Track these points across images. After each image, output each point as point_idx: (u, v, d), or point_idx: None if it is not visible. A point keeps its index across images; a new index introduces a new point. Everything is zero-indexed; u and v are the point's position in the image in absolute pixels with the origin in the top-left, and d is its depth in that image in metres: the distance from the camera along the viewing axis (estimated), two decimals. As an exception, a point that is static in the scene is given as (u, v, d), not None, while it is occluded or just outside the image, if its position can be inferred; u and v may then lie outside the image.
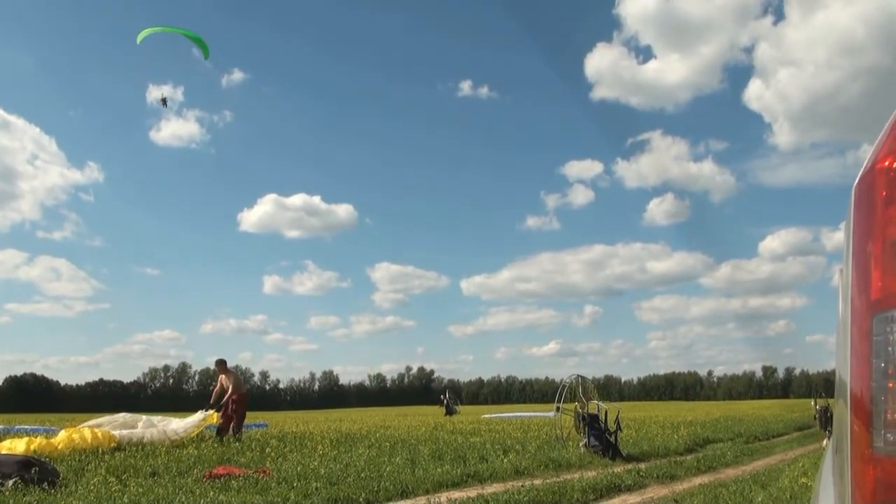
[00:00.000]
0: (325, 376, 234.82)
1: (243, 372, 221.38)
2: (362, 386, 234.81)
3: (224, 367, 22.83)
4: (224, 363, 22.91)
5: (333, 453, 18.25)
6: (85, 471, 14.53)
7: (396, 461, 16.25)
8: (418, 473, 14.45)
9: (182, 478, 13.88)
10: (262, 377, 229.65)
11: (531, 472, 15.81)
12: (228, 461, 16.35)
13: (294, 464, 15.85)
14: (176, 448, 18.53)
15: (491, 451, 18.67)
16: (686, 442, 23.25)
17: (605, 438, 19.58)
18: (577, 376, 22.52)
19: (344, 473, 14.16)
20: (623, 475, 15.21)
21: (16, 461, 13.35)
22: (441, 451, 18.38)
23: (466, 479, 14.40)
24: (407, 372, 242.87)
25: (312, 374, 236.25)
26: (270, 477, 13.76)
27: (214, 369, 23.32)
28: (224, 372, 22.62)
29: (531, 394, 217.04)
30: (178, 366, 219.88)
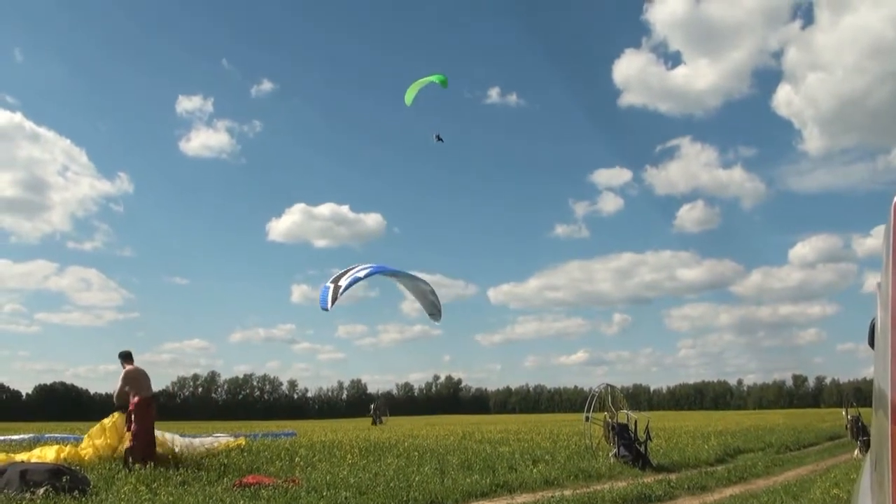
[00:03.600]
0: (353, 385, 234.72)
1: (271, 381, 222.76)
2: (390, 395, 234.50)
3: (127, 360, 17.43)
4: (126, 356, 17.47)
5: (362, 462, 18.25)
6: (115, 479, 14.61)
7: (425, 471, 16.22)
8: (447, 483, 14.42)
9: (212, 486, 13.94)
10: (291, 386, 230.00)
11: (561, 483, 15.75)
12: (258, 470, 16.41)
13: (323, 473, 15.86)
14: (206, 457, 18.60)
15: (520, 461, 18.62)
16: (716, 452, 23.08)
17: (634, 448, 19.49)
18: (606, 385, 22.41)
19: (373, 483, 14.16)
20: (653, 486, 15.14)
21: (46, 469, 13.46)
22: (470, 461, 18.34)
23: (496, 489, 14.38)
24: (434, 381, 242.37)
25: (340, 383, 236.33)
26: (300, 486, 13.79)
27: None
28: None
29: (560, 403, 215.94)
30: (208, 375, 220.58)
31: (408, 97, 27.39)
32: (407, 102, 27.53)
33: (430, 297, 22.21)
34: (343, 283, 18.94)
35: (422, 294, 22.19)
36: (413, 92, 27.33)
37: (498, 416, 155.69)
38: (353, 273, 19.40)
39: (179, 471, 15.99)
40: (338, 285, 18.85)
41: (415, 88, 27.33)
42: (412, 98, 27.33)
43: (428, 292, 22.19)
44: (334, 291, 18.65)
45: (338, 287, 18.77)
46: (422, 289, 22.16)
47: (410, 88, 27.30)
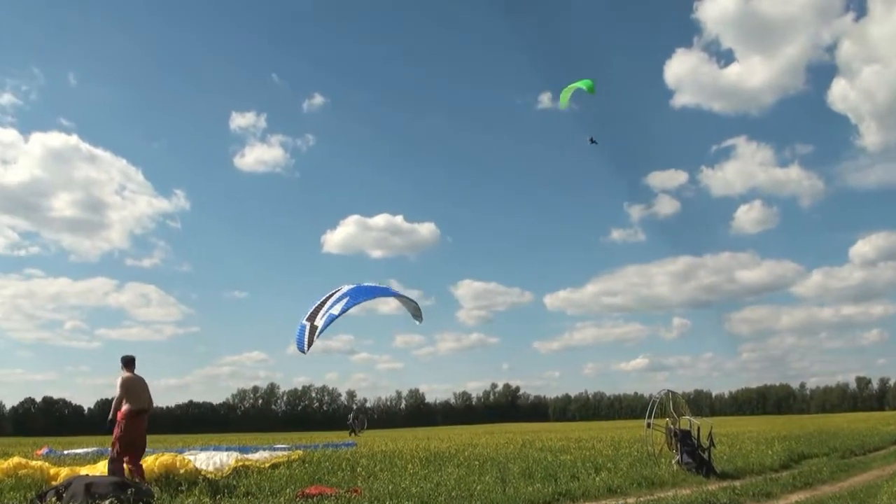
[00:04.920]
0: (412, 394, 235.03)
1: (330, 392, 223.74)
2: (448, 404, 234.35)
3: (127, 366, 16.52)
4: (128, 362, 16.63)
5: (423, 472, 18.23)
6: (179, 491, 14.75)
7: (486, 480, 16.17)
8: (509, 492, 14.37)
9: (275, 497, 14.03)
10: (349, 396, 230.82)
11: (624, 491, 15.62)
12: (319, 481, 16.45)
13: (385, 483, 15.88)
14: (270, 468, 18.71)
15: (582, 470, 18.47)
16: (780, 458, 22.71)
17: (698, 455, 19.25)
18: (667, 391, 22.18)
19: (435, 492, 14.14)
20: (718, 493, 14.95)
21: (111, 483, 13.63)
22: (531, 470, 18.24)
23: (558, 498, 14.30)
24: (492, 389, 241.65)
25: (399, 393, 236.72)
26: (362, 496, 13.83)
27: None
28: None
29: (620, 410, 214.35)
30: (267, 387, 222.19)
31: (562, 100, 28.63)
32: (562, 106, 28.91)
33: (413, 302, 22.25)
34: (319, 324, 18.79)
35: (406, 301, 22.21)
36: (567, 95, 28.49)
37: (557, 423, 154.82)
38: (328, 310, 19.11)
39: (242, 481, 16.15)
40: (314, 325, 18.69)
41: (568, 92, 28.39)
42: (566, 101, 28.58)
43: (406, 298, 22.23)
44: (310, 333, 18.49)
45: (314, 327, 18.61)
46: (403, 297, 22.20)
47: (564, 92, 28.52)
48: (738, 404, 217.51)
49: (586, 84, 27.67)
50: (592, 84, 27.76)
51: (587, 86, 27.62)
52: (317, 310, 18.88)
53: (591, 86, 27.68)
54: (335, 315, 18.76)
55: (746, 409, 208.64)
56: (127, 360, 16.52)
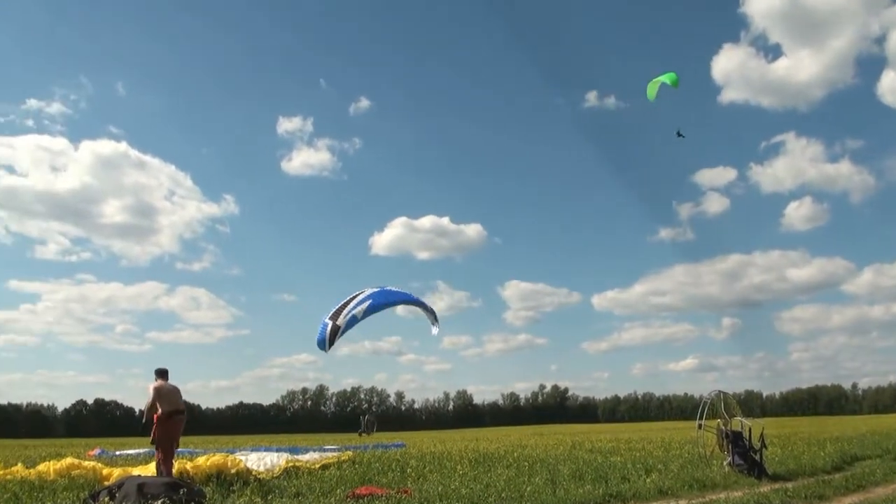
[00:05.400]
0: (459, 396, 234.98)
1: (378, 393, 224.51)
2: (496, 405, 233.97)
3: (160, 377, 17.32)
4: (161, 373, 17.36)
5: (473, 473, 18.24)
6: (230, 492, 14.88)
7: (536, 482, 16.13)
8: (559, 494, 14.33)
9: (326, 498, 14.11)
10: (398, 397, 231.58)
11: (675, 493, 15.51)
12: (370, 482, 16.52)
13: (435, 484, 15.89)
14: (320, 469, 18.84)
15: (632, 471, 18.37)
16: (833, 459, 22.40)
17: (749, 456, 19.06)
18: (718, 392, 21.98)
19: (485, 494, 14.15)
20: (770, 495, 14.79)
21: (163, 483, 13.80)
22: (581, 471, 18.17)
23: (608, 500, 14.23)
24: (541, 390, 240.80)
25: (447, 394, 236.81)
26: (412, 497, 13.86)
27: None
28: None
29: (670, 411, 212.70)
30: (316, 388, 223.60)
31: (650, 93, 28.83)
32: (650, 98, 28.94)
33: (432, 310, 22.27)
34: (341, 324, 18.82)
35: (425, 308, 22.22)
36: (654, 88, 28.73)
37: (606, 425, 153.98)
38: (351, 310, 19.16)
39: (293, 482, 16.27)
40: (336, 324, 18.71)
41: (654, 86, 28.62)
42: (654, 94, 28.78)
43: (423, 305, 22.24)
44: (332, 332, 18.54)
45: (336, 327, 18.64)
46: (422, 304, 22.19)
47: (651, 85, 28.78)
48: (789, 405, 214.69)
49: (670, 78, 27.82)
50: (676, 78, 27.87)
51: (671, 80, 27.76)
52: (340, 309, 18.98)
53: (675, 80, 27.85)
54: (358, 318, 18.87)
55: (797, 410, 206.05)
56: (160, 372, 17.35)
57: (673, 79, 27.76)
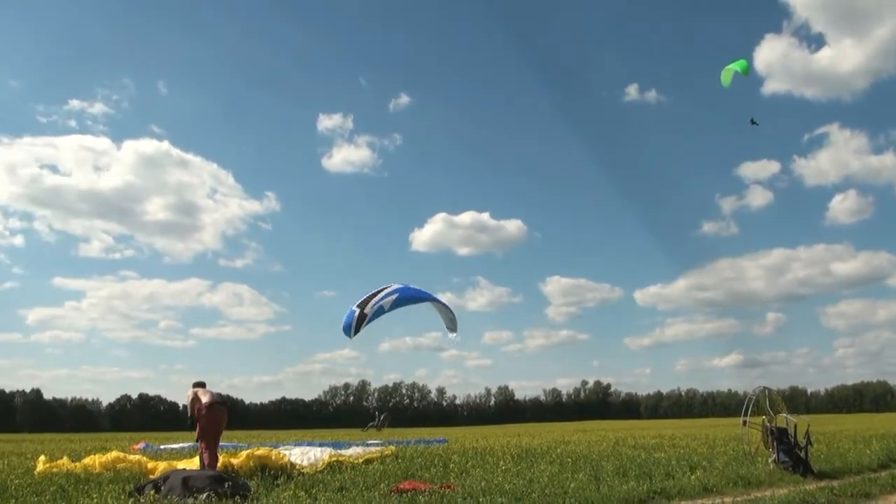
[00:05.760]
0: (501, 391, 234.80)
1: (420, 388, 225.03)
2: (538, 401, 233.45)
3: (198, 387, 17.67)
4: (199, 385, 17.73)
5: (516, 469, 18.23)
6: (274, 485, 15.01)
7: (580, 478, 16.10)
8: (603, 490, 14.28)
9: (369, 492, 14.16)
10: (439, 393, 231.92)
11: (720, 490, 15.40)
12: (413, 476, 16.57)
13: (478, 479, 15.93)
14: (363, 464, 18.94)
15: (677, 468, 18.27)
16: (879, 457, 22.11)
17: (794, 454, 18.89)
18: (763, 388, 21.80)
19: (528, 489, 14.14)
20: (816, 493, 14.65)
21: (208, 476, 13.93)
22: (625, 468, 18.11)
23: (653, 497, 14.17)
24: (583, 386, 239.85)
25: (488, 390, 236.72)
26: (455, 492, 13.86)
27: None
28: None
29: (713, 407, 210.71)
30: (358, 384, 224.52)
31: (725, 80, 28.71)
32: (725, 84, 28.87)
33: (450, 314, 22.27)
34: (368, 312, 18.88)
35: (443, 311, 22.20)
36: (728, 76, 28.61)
37: (649, 421, 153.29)
38: (378, 301, 19.22)
39: (336, 476, 16.36)
40: (363, 312, 18.77)
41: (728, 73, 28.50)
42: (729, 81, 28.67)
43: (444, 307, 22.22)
44: (359, 319, 18.62)
45: (363, 315, 18.71)
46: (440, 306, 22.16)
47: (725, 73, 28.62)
48: (835, 402, 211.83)
49: (741, 66, 27.80)
50: (747, 65, 27.87)
51: (742, 67, 27.76)
52: (368, 299, 19.10)
53: (745, 67, 27.87)
54: (385, 309, 19.05)
55: (843, 407, 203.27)
56: (197, 385, 17.69)
57: (744, 66, 27.74)
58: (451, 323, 22.58)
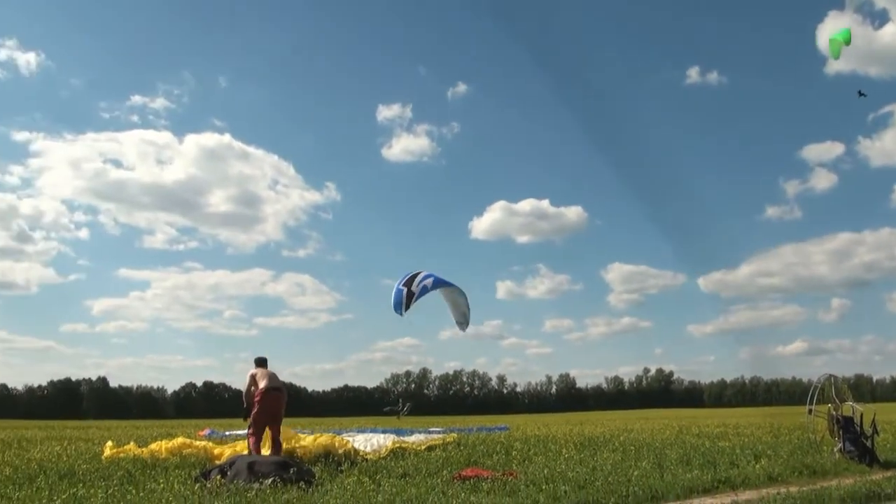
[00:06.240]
0: (562, 379, 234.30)
1: (481, 376, 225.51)
2: (599, 389, 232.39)
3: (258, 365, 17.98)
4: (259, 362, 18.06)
5: (579, 456, 18.24)
6: (339, 471, 15.19)
7: (643, 466, 16.08)
8: (667, 479, 14.26)
9: (432, 478, 14.27)
10: (500, 381, 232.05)
11: (785, 479, 15.29)
12: (475, 464, 16.65)
13: (540, 467, 15.97)
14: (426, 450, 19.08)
15: (741, 457, 18.17)
16: (948, 447, 21.79)
17: (860, 443, 18.67)
18: (828, 376, 21.54)
19: (591, 477, 14.15)
20: (882, 483, 14.48)
21: (273, 462, 14.14)
22: (689, 456, 18.05)
23: (717, 486, 14.11)
24: (645, 374, 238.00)
25: (549, 377, 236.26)
26: (518, 479, 13.92)
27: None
28: None
29: (777, 395, 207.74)
30: (419, 371, 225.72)
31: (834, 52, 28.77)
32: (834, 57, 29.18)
33: (463, 310, 22.31)
34: (415, 290, 19.02)
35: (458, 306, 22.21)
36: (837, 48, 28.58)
37: (713, 409, 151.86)
38: (421, 281, 19.37)
39: (399, 463, 16.52)
40: (411, 290, 18.91)
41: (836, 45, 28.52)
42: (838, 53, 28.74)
43: (463, 304, 22.23)
44: (407, 297, 18.77)
45: (411, 293, 18.85)
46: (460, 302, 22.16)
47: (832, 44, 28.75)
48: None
49: (844, 36, 27.53)
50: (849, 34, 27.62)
51: (844, 37, 27.48)
52: (411, 279, 19.25)
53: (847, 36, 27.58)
54: (428, 288, 19.30)
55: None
56: (259, 360, 17.98)
57: (846, 36, 27.38)
58: (462, 318, 22.70)
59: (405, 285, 19.12)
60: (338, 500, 11.47)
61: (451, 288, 21.38)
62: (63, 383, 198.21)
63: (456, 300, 21.96)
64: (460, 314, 22.29)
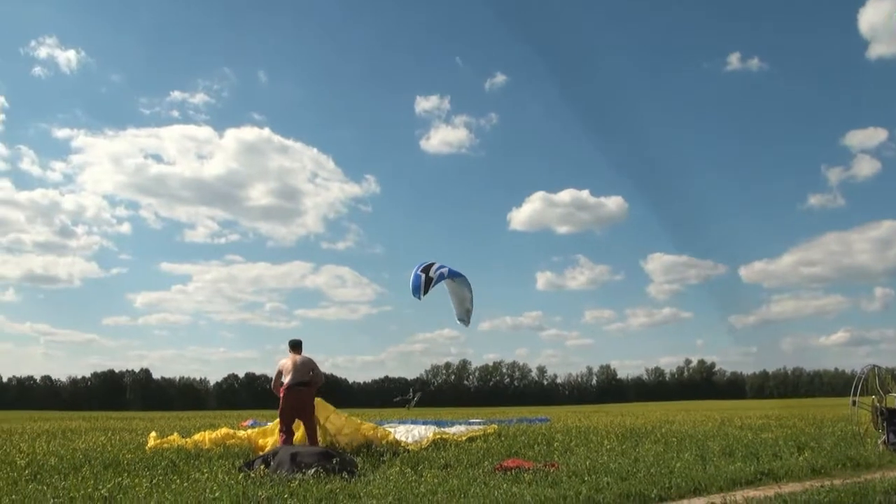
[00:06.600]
0: (602, 370, 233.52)
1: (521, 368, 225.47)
2: (640, 380, 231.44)
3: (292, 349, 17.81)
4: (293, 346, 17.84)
5: (620, 448, 18.21)
6: (381, 462, 15.28)
7: (686, 457, 16.03)
8: (710, 470, 14.20)
9: (473, 469, 14.31)
10: (540, 372, 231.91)
11: (828, 471, 15.18)
12: (516, 455, 16.68)
13: (582, 458, 15.95)
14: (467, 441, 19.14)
15: (784, 449, 18.05)
16: None
17: (906, 435, 18.50)
18: (872, 366, 21.32)
19: (633, 468, 14.13)
20: (928, 476, 14.33)
21: (316, 453, 14.23)
22: (731, 448, 17.95)
23: (760, 478, 14.02)
24: (686, 365, 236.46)
25: (589, 369, 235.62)
26: (560, 470, 13.92)
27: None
28: None
29: (820, 386, 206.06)
30: (459, 363, 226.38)
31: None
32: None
33: (468, 305, 22.32)
34: (433, 276, 19.17)
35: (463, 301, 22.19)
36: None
37: (755, 401, 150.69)
38: (438, 269, 19.55)
39: (440, 454, 16.58)
40: (429, 276, 19.05)
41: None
42: None
43: (468, 300, 22.22)
44: (426, 282, 18.91)
45: (429, 278, 19.00)
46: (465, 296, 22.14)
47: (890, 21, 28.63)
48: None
49: None
50: None
51: None
52: (429, 266, 19.41)
53: None
54: (444, 275, 19.42)
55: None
56: (292, 344, 17.81)
57: None
58: (466, 314, 22.74)
59: (423, 272, 19.32)
60: (380, 490, 11.52)
61: (460, 280, 21.43)
62: (106, 375, 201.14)
63: (463, 295, 22.03)
64: (464, 310, 22.38)
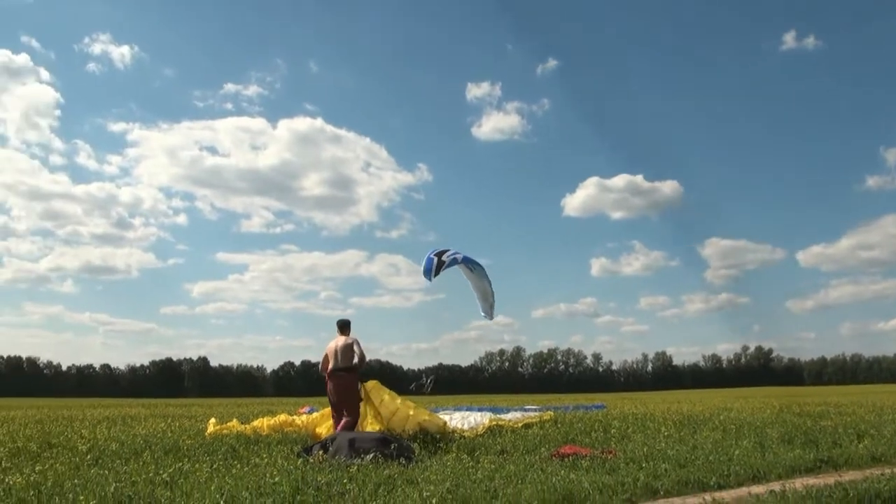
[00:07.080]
0: (658, 357, 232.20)
1: (575, 355, 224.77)
2: (696, 367, 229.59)
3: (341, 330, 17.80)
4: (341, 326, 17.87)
5: (678, 435, 18.12)
6: (437, 448, 15.37)
7: (744, 444, 15.92)
8: (769, 458, 14.10)
9: (530, 455, 14.35)
10: (595, 359, 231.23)
11: (889, 460, 14.97)
12: (573, 441, 16.67)
13: (639, 445, 15.89)
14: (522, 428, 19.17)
15: (843, 436, 17.84)
16: None
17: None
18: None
19: (692, 456, 14.06)
20: None
21: (374, 438, 14.37)
22: (790, 435, 17.78)
23: (819, 465, 13.89)
24: (744, 352, 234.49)
25: (645, 355, 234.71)
26: (617, 457, 13.91)
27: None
28: None
29: (879, 373, 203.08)
30: (513, 350, 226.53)
31: None
32: None
33: (491, 300, 22.22)
34: (446, 260, 19.19)
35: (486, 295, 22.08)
36: None
37: (813, 387, 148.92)
38: (452, 254, 19.57)
39: (497, 440, 16.63)
40: (441, 260, 19.08)
41: None
42: None
43: (490, 294, 22.12)
44: (437, 265, 18.94)
45: (441, 262, 19.02)
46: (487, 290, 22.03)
47: None
48: None
49: None
50: None
51: None
52: (443, 251, 19.49)
53: None
54: (458, 260, 19.47)
55: None
56: (340, 325, 17.90)
57: None
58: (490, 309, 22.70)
59: (436, 255, 19.44)
60: (438, 476, 11.58)
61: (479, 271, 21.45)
62: (164, 363, 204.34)
63: (485, 289, 22.01)
64: (488, 305, 22.37)
